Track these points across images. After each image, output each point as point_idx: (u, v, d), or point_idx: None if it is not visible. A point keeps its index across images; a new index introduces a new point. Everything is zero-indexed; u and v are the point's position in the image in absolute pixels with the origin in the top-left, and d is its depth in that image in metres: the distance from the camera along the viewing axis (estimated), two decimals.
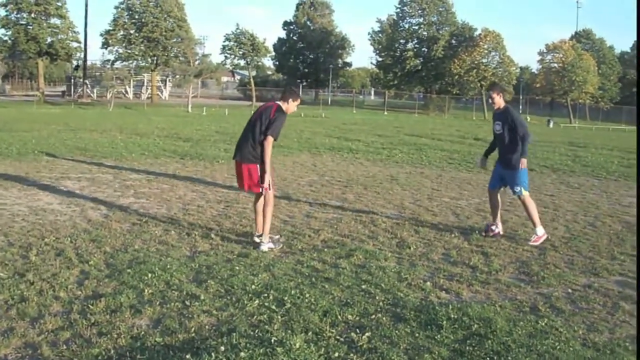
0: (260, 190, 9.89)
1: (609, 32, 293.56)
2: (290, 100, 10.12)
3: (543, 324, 6.92)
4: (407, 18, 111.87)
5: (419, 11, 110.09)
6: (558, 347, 6.29)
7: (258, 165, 9.80)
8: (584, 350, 6.29)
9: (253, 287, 7.75)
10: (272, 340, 6.10)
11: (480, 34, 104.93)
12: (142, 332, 6.32)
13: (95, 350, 5.89)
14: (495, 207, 11.45)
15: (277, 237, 10.35)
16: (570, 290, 8.29)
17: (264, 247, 9.78)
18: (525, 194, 10.95)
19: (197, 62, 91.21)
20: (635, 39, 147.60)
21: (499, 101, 11.09)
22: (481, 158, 12.06)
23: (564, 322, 7.06)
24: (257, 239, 10.05)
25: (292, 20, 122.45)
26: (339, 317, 6.85)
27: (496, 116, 11.24)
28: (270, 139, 9.67)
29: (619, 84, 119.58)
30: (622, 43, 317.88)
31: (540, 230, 10.83)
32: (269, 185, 9.83)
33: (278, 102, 10.10)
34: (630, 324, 7.12)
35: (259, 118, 9.93)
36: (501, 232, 11.29)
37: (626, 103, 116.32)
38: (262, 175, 9.77)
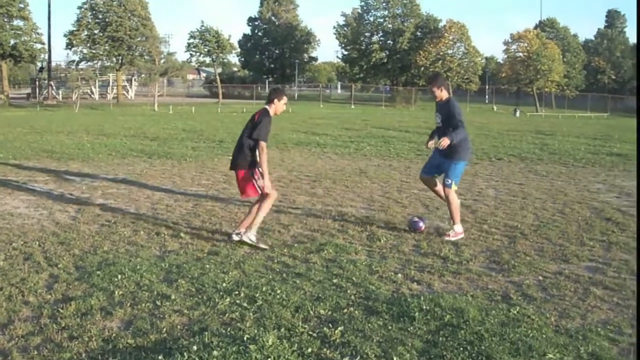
0: (259, 192, 9.90)
1: (573, 21, 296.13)
2: (276, 100, 10.11)
3: (515, 312, 6.94)
4: (372, 11, 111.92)
5: (384, 4, 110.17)
6: (531, 335, 6.31)
7: (249, 170, 9.84)
8: (557, 336, 6.32)
9: (224, 285, 7.72)
10: (245, 338, 6.08)
11: (445, 26, 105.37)
12: (114, 335, 6.26)
13: (66, 355, 5.83)
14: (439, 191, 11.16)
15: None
16: (541, 278, 8.34)
17: (250, 235, 9.72)
18: (454, 188, 10.68)
19: (162, 61, 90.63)
20: (598, 26, 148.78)
21: (440, 94, 10.75)
22: (429, 138, 11.61)
23: (535, 309, 7.09)
24: (235, 236, 9.94)
25: (257, 16, 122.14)
26: (311, 312, 6.84)
27: (438, 107, 10.92)
28: (262, 144, 9.69)
29: (583, 71, 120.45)
30: (586, 31, 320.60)
31: (458, 228, 10.59)
32: (259, 189, 9.85)
33: (265, 106, 10.13)
34: (601, 309, 7.18)
35: (248, 125, 10.06)
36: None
37: (591, 90, 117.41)
38: (261, 179, 9.81)
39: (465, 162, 10.91)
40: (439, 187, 11.09)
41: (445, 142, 10.17)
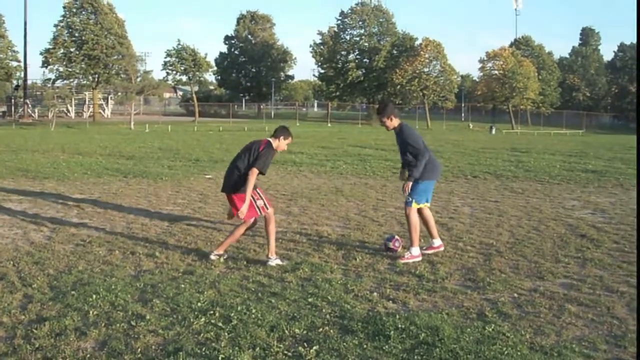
0: (258, 213, 10.08)
1: (548, 38, 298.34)
2: (282, 137, 10.19)
3: (490, 329, 6.96)
4: (348, 29, 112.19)
5: (360, 22, 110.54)
6: (506, 352, 6.32)
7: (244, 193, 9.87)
8: (532, 354, 6.34)
9: (199, 304, 7.70)
10: (220, 358, 6.07)
11: (421, 44, 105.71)
12: (88, 355, 6.23)
13: None
14: (427, 223, 10.90)
15: (223, 254, 10.29)
16: (516, 295, 8.36)
17: (272, 263, 9.82)
18: (414, 206, 10.40)
19: (138, 79, 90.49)
20: (573, 44, 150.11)
21: (391, 123, 10.55)
22: (401, 171, 11.57)
23: (510, 326, 7.11)
24: (212, 256, 10.15)
25: (233, 35, 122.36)
26: (286, 331, 6.83)
27: (396, 136, 10.73)
28: (255, 170, 9.71)
29: (559, 89, 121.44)
30: (561, 49, 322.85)
31: (415, 251, 10.31)
32: (259, 209, 10.04)
33: (269, 139, 10.18)
34: (576, 326, 7.20)
35: (247, 151, 10.06)
36: (441, 247, 10.92)
37: (566, 108, 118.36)
38: (260, 200, 10.07)
39: (432, 180, 10.64)
40: (429, 218, 10.88)
41: (407, 188, 10.27)
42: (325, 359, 6.15)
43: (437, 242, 10.89)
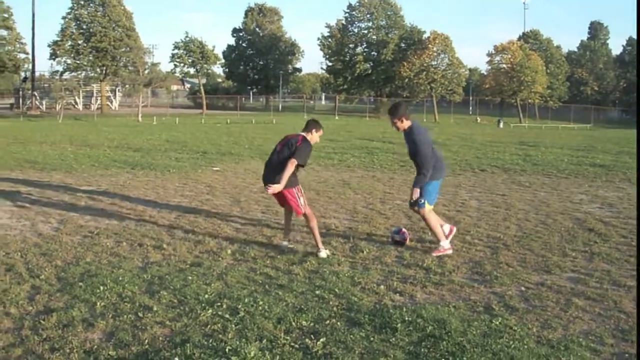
0: (301, 210, 10.30)
1: (556, 32, 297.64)
2: (314, 130, 10.47)
3: (497, 323, 6.95)
4: (356, 22, 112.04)
5: (368, 15, 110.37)
6: (512, 346, 6.32)
7: (294, 188, 10.20)
8: (539, 347, 6.34)
9: (206, 296, 7.71)
10: (227, 350, 6.07)
11: (429, 37, 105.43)
12: (95, 346, 6.24)
13: None
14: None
15: (285, 243, 10.73)
16: (523, 289, 8.35)
17: (322, 254, 10.01)
18: (427, 208, 10.40)
19: (146, 71, 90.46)
20: (581, 38, 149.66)
21: (402, 125, 10.42)
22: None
23: (517, 320, 7.11)
24: (285, 242, 10.71)
25: (241, 27, 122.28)
26: (294, 323, 6.83)
27: (404, 136, 10.62)
28: (294, 161, 9.89)
29: (567, 83, 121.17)
30: (569, 42, 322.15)
31: (445, 244, 10.38)
32: (299, 201, 10.29)
33: (302, 134, 10.38)
34: (583, 320, 7.19)
35: (285, 145, 10.27)
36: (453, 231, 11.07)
37: (574, 102, 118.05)
38: (302, 197, 10.36)
39: (438, 180, 10.62)
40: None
41: (415, 194, 10.25)
42: (332, 351, 6.15)
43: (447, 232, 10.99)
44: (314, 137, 10.43)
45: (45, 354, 6.06)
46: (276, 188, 9.82)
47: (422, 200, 10.34)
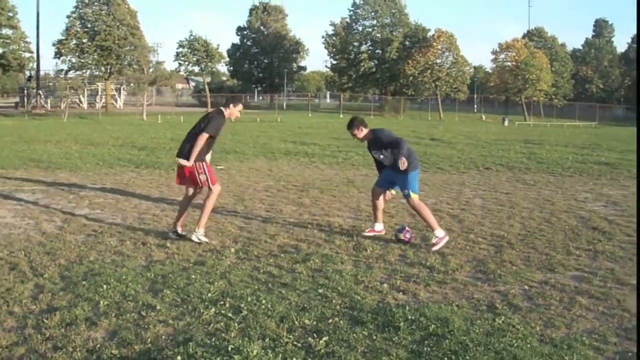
0: (201, 185, 10.71)
1: (561, 30, 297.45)
2: (231, 105, 10.85)
3: (500, 321, 6.95)
4: (361, 20, 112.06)
5: (372, 13, 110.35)
6: (515, 345, 6.31)
7: (202, 162, 10.54)
8: (542, 346, 6.33)
9: (209, 295, 7.71)
10: (229, 348, 6.06)
11: (433, 35, 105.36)
12: (98, 345, 6.24)
13: None
14: (377, 208, 11.41)
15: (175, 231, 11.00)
16: (526, 287, 8.34)
17: (194, 238, 10.34)
18: (414, 197, 10.72)
19: (151, 70, 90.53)
20: (586, 36, 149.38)
21: (362, 134, 11.10)
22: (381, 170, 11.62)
23: (521, 319, 7.10)
24: (172, 234, 10.89)
25: (246, 26, 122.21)
26: (296, 322, 6.83)
27: (370, 146, 11.22)
28: (204, 135, 10.36)
29: (571, 80, 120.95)
30: (574, 40, 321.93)
31: (439, 232, 10.53)
32: (199, 177, 10.61)
33: (221, 107, 10.85)
34: (587, 318, 7.18)
35: (202, 120, 10.78)
36: (383, 232, 11.39)
37: (579, 100, 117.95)
38: (203, 174, 10.63)
39: (416, 169, 10.94)
40: (381, 205, 11.47)
41: (403, 163, 10.26)
42: (334, 350, 6.15)
43: (380, 226, 11.40)
44: (233, 111, 10.81)
45: (48, 353, 6.06)
46: (186, 163, 10.28)
47: (407, 191, 10.68)
